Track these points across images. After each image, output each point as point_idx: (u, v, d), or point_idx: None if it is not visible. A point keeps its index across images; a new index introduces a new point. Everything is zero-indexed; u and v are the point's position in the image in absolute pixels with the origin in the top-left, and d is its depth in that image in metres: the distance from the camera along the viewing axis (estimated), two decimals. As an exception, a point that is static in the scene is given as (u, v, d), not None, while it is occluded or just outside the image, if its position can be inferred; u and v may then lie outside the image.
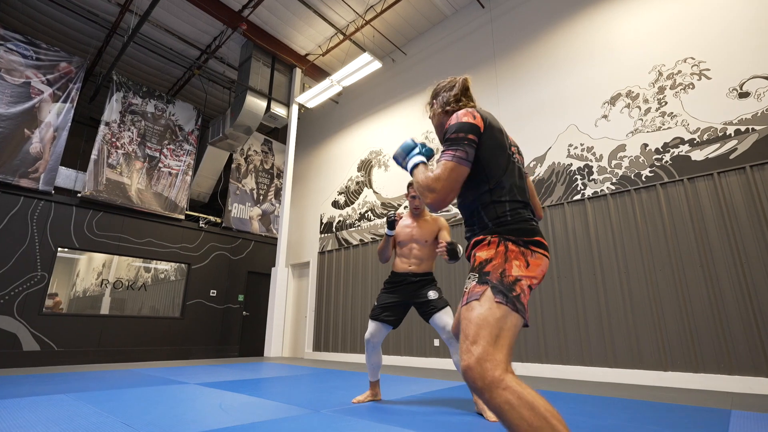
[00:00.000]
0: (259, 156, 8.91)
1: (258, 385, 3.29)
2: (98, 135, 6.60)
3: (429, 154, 1.43)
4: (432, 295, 2.49)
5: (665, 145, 4.06)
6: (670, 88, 4.15)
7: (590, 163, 4.56)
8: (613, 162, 4.39)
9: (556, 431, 0.89)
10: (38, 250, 5.77)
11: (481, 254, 1.20)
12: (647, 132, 4.22)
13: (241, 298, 7.99)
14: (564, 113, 4.93)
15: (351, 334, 6.56)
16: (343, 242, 7.28)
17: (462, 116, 1.27)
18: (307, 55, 7.88)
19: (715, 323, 3.43)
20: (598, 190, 4.41)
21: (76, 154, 7.99)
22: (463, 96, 1.50)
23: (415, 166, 1.35)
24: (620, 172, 4.31)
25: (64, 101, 6.25)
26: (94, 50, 7.45)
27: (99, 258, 7.84)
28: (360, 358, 6.28)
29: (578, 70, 4.93)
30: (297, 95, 7.75)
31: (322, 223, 7.95)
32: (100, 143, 6.56)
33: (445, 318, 2.41)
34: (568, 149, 4.79)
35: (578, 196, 4.54)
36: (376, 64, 6.40)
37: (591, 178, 4.51)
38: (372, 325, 2.55)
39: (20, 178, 5.63)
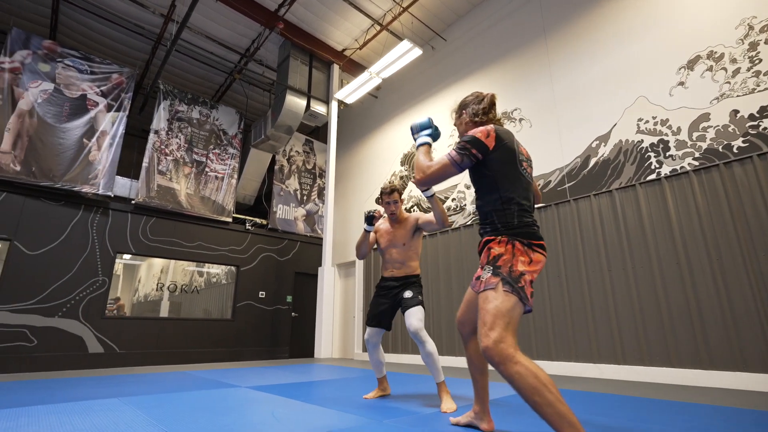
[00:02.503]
0: (301, 156, 8.89)
1: (311, 390, 3.12)
2: (148, 143, 6.82)
3: (436, 137, 1.72)
4: (407, 294, 2.64)
5: (762, 110, 3.47)
6: (765, 43, 3.55)
7: (666, 138, 4.02)
8: (695, 134, 3.83)
9: (551, 393, 1.21)
10: (99, 256, 6.01)
11: (494, 250, 1.47)
12: (737, 96, 3.64)
13: (289, 299, 7.99)
14: (630, 85, 4.41)
15: (402, 333, 6.32)
16: (389, 239, 7.05)
17: (477, 133, 1.54)
18: (344, 50, 7.74)
19: (844, 317, 2.84)
20: (678, 167, 3.87)
21: (129, 165, 8.35)
22: (491, 110, 1.73)
23: (422, 145, 1.67)
24: (704, 146, 3.75)
25: (117, 110, 6.50)
26: (141, 63, 7.73)
27: (157, 265, 8.14)
28: (414, 359, 6.02)
29: (645, 34, 4.39)
30: (336, 92, 7.63)
31: (366, 220, 7.77)
32: (150, 151, 6.77)
33: (409, 319, 2.51)
34: (638, 124, 4.26)
35: (653, 176, 4.02)
36: (416, 51, 6.11)
37: (668, 154, 3.97)
38: (368, 330, 2.75)
39: (82, 185, 5.88)
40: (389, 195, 2.78)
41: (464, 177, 6.01)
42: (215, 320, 7.14)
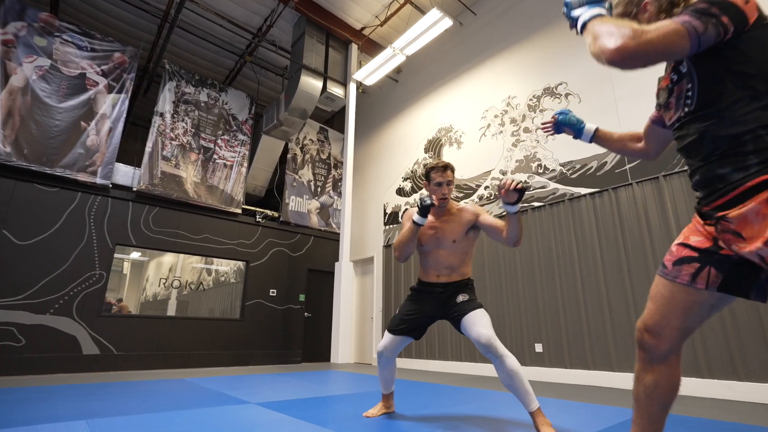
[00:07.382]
0: (315, 145, 8.32)
1: (337, 408, 2.52)
2: (152, 127, 6.29)
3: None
4: (460, 297, 2.03)
5: None
6: None
7: (760, 105, 3.33)
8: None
9: None
10: (96, 247, 5.48)
11: None
12: None
13: (302, 297, 7.40)
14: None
15: (426, 337, 5.68)
16: (412, 233, 6.42)
17: None
18: (363, 29, 7.15)
19: None
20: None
21: (132, 155, 7.86)
22: None
23: (594, 17, 1.00)
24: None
25: (119, 92, 5.98)
26: (147, 45, 7.23)
27: (166, 264, 7.61)
28: (440, 366, 5.38)
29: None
30: (354, 72, 7.04)
31: (386, 213, 7.16)
32: (154, 135, 6.24)
33: (475, 327, 1.86)
34: (721, 91, 3.57)
35: None
36: (446, 22, 5.50)
37: None
38: (387, 338, 2.13)
39: (78, 172, 5.37)
40: (442, 172, 2.09)
41: (498, 162, 5.36)
42: (222, 320, 6.58)
